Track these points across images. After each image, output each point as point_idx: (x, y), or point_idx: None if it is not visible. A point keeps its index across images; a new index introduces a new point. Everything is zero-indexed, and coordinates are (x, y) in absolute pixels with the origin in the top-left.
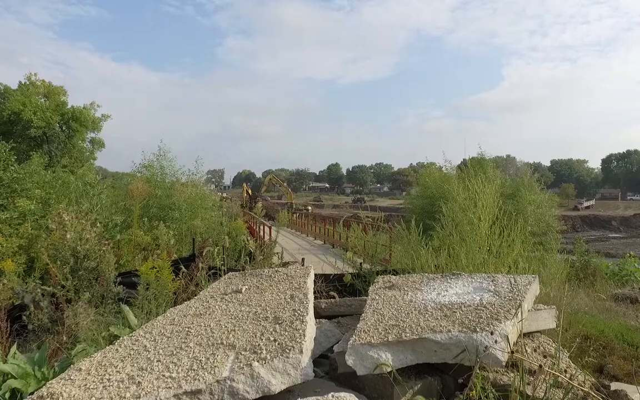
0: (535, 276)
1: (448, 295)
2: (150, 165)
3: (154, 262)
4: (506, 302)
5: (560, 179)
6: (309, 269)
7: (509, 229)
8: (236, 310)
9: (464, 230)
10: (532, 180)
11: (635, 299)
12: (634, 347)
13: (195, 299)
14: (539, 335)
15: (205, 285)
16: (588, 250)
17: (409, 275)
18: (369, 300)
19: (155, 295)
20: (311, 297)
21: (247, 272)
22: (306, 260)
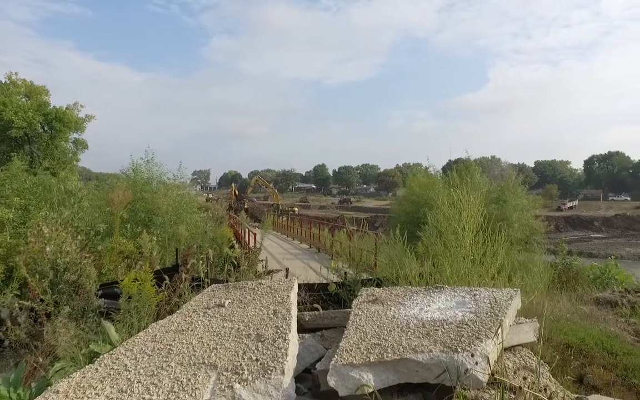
0: (517, 290)
1: (431, 311)
2: (136, 168)
3: (137, 274)
4: (488, 318)
5: (544, 180)
6: (293, 281)
7: (493, 239)
8: (219, 327)
9: (448, 239)
10: (517, 184)
11: (616, 302)
12: (613, 355)
13: (177, 313)
14: (520, 349)
15: (189, 297)
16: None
17: (392, 288)
18: (351, 315)
19: (137, 308)
20: (294, 312)
21: (231, 284)
22: (291, 266)
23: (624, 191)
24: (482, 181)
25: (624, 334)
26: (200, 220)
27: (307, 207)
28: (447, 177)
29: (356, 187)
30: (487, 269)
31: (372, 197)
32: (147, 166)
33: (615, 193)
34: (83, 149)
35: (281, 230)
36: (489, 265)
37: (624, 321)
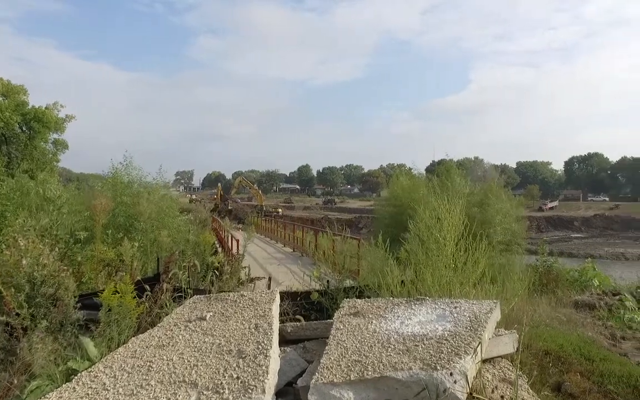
0: (497, 302)
1: (411, 325)
2: (115, 173)
3: (117, 285)
4: (467, 333)
5: (525, 180)
6: (275, 293)
7: (474, 247)
8: (200, 341)
9: (430, 248)
10: (499, 187)
11: (594, 305)
12: (590, 361)
13: (158, 327)
14: (500, 360)
15: (170, 307)
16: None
17: (374, 300)
18: (333, 329)
19: (117, 321)
20: (276, 326)
21: (213, 296)
22: (275, 271)
23: (602, 192)
24: (464, 184)
25: (600, 339)
26: (182, 224)
27: (291, 208)
28: (429, 180)
29: (340, 187)
30: (468, 277)
31: (357, 197)
32: (126, 170)
33: (594, 193)
34: (63, 149)
35: (265, 233)
36: (470, 273)
37: (601, 324)
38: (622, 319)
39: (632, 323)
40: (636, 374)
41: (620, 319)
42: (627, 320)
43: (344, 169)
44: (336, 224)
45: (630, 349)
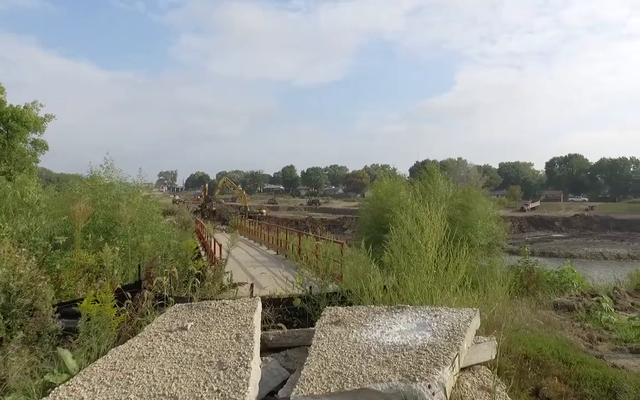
0: (476, 311)
1: (392, 334)
2: (94, 176)
3: (97, 294)
4: (447, 343)
5: (508, 181)
6: (256, 301)
7: (455, 254)
8: (180, 353)
9: (411, 254)
10: (480, 189)
11: (573, 306)
12: (567, 364)
13: (138, 337)
14: (479, 368)
15: (152, 315)
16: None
17: (355, 308)
18: (314, 339)
19: (97, 331)
20: (257, 336)
21: (194, 304)
22: (258, 274)
23: (582, 192)
24: (446, 187)
25: (578, 341)
26: (165, 228)
27: (275, 209)
28: (412, 183)
29: (325, 188)
30: (449, 283)
31: (341, 198)
32: (107, 173)
33: (574, 194)
34: (43, 150)
35: (248, 235)
36: (452, 279)
37: (580, 326)
38: (599, 320)
39: (609, 324)
40: (610, 376)
41: (597, 320)
42: (604, 321)
43: (328, 170)
44: (320, 225)
45: (606, 351)
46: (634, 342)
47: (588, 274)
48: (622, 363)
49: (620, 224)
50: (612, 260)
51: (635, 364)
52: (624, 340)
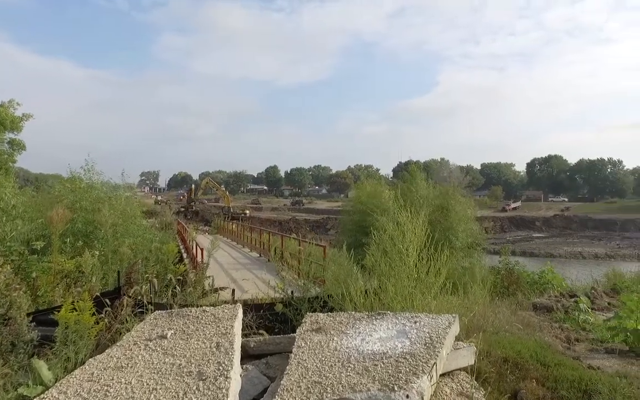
0: (455, 317)
1: (372, 341)
2: (74, 179)
3: (75, 302)
4: (426, 351)
5: (490, 181)
6: (237, 308)
7: (435, 257)
8: (160, 362)
9: (393, 259)
10: (461, 193)
11: (552, 307)
12: (545, 366)
13: (117, 346)
14: (459, 373)
15: (131, 322)
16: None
17: (336, 315)
18: (295, 347)
19: (74, 340)
20: (238, 344)
21: (174, 311)
22: (240, 278)
23: (562, 192)
24: (428, 189)
25: (556, 343)
26: (146, 231)
27: (259, 209)
28: (393, 185)
29: (308, 188)
30: (430, 288)
31: (324, 198)
32: (87, 175)
33: (554, 194)
34: (20, 150)
35: (231, 236)
36: (432, 283)
37: (558, 327)
38: (577, 320)
39: (586, 324)
40: (586, 378)
41: (575, 321)
42: (582, 322)
43: (312, 170)
44: (304, 225)
45: (583, 351)
46: (609, 342)
47: (567, 274)
48: (597, 363)
49: (598, 223)
50: (590, 259)
51: (610, 364)
52: (600, 340)
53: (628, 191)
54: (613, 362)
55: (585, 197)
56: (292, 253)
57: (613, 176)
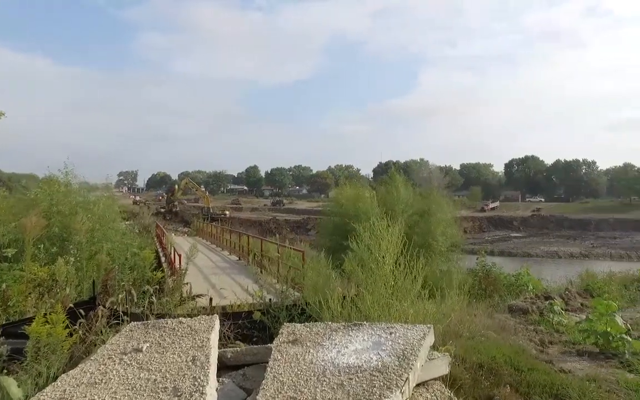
0: (430, 327)
1: (347, 354)
2: (51, 182)
3: (47, 315)
4: (400, 363)
5: (469, 182)
6: (214, 320)
7: (412, 266)
8: (134, 378)
9: (369, 267)
10: (441, 196)
11: (527, 309)
12: (519, 371)
13: (91, 361)
14: (433, 383)
15: (106, 334)
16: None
17: (313, 325)
18: (271, 360)
19: (46, 354)
20: (214, 357)
21: (150, 323)
22: (219, 282)
23: (539, 193)
24: (408, 194)
25: (530, 346)
26: (124, 236)
27: (239, 210)
28: (374, 188)
29: (289, 188)
30: (406, 295)
31: (305, 198)
32: (65, 178)
33: (531, 194)
34: None
35: (210, 239)
36: (409, 291)
37: (533, 329)
38: (551, 322)
39: (560, 326)
40: (557, 382)
41: (549, 323)
42: (556, 324)
43: (292, 170)
44: (285, 226)
45: (556, 354)
46: (581, 344)
47: (544, 274)
48: (569, 366)
49: (574, 223)
50: (566, 258)
51: (581, 366)
52: (573, 342)
53: (602, 191)
54: (584, 364)
55: (561, 197)
56: (271, 258)
57: (587, 177)
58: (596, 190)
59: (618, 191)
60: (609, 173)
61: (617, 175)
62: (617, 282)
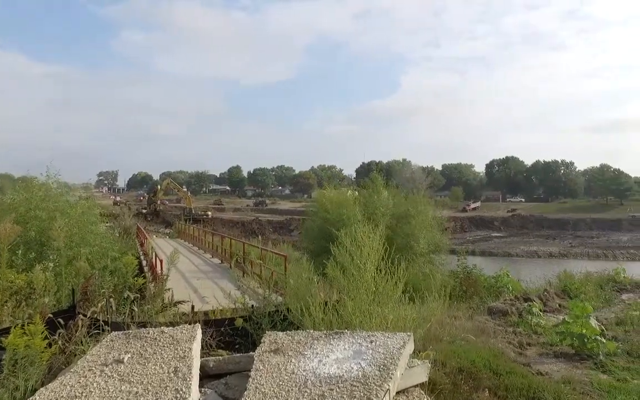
0: (410, 335)
1: (329, 364)
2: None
3: (25, 326)
4: (380, 373)
5: (450, 182)
6: (196, 329)
7: (392, 271)
8: (116, 390)
9: (351, 274)
10: (425, 200)
11: (506, 311)
12: (497, 375)
13: (71, 373)
14: (413, 390)
15: (86, 344)
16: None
17: (294, 334)
18: (253, 371)
19: (24, 366)
20: (196, 368)
21: (132, 333)
22: (202, 287)
23: (519, 193)
24: (390, 197)
25: (509, 349)
26: (104, 240)
27: (221, 210)
28: (356, 189)
29: (271, 189)
30: (387, 301)
31: (288, 199)
32: (46, 181)
33: (512, 194)
34: None
35: (193, 241)
36: (390, 296)
37: (512, 331)
38: (530, 324)
39: (538, 327)
40: (534, 385)
41: (528, 325)
42: (534, 325)
43: (275, 170)
44: (267, 227)
45: (534, 356)
46: (558, 346)
47: (523, 274)
48: (546, 369)
49: (553, 223)
50: (545, 258)
51: (558, 368)
52: (550, 344)
53: (580, 192)
54: (560, 366)
55: (541, 197)
56: (254, 262)
57: (566, 177)
58: (574, 191)
59: (595, 191)
60: (586, 173)
61: (594, 176)
62: (593, 283)
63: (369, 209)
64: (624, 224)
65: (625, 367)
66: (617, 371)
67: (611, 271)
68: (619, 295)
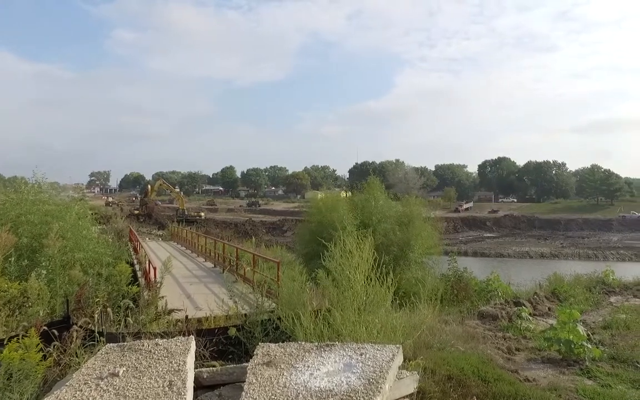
0: (399, 347)
1: (320, 377)
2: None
3: (20, 339)
4: (370, 387)
5: (443, 183)
6: (190, 341)
7: (381, 280)
8: None
9: (341, 284)
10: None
11: (497, 315)
12: (486, 382)
13: (67, 386)
14: None
15: (81, 356)
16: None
17: (286, 346)
18: (246, 384)
19: (19, 380)
20: (190, 381)
21: (126, 345)
22: (195, 292)
23: (511, 193)
24: (387, 205)
25: (497, 356)
26: (97, 245)
27: (214, 211)
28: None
29: (265, 189)
30: (377, 311)
31: (281, 199)
32: (36, 184)
33: (504, 195)
34: None
35: (186, 244)
36: (379, 306)
37: (501, 336)
38: (519, 328)
39: (527, 332)
40: (521, 392)
41: (517, 329)
42: (523, 330)
43: (268, 171)
44: (261, 228)
45: (522, 361)
46: (546, 351)
47: (515, 275)
48: (533, 375)
49: (544, 223)
50: (537, 258)
51: (545, 374)
52: (538, 349)
53: (571, 192)
54: (548, 372)
55: (533, 197)
56: (246, 268)
57: (558, 178)
58: (566, 191)
59: (586, 192)
60: (577, 174)
61: (585, 176)
62: (582, 285)
63: (365, 214)
64: (614, 225)
65: (610, 372)
66: (602, 377)
67: (600, 273)
68: (608, 298)
